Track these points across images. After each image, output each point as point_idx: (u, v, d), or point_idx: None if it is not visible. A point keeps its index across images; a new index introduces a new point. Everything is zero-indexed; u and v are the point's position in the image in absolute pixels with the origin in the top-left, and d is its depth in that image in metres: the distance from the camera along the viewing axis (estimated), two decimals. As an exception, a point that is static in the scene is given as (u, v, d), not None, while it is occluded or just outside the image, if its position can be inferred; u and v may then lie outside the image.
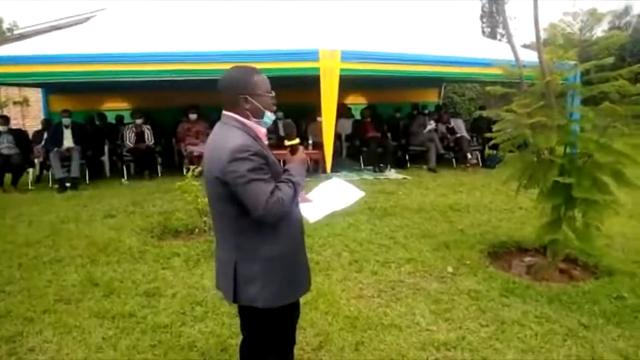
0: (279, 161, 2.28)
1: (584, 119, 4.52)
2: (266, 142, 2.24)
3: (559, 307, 3.81)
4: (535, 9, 4.35)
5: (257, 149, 2.07)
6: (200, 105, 10.55)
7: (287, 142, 2.34)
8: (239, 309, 2.41)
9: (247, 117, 2.17)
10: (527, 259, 4.78)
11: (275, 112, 2.29)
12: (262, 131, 2.23)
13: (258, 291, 2.17)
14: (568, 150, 4.52)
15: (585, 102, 5.29)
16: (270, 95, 2.22)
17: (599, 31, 4.70)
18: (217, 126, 2.23)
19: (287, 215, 2.17)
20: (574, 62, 4.53)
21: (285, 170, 2.23)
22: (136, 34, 9.46)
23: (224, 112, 2.20)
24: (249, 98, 2.15)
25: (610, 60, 4.19)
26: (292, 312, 2.42)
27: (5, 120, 9.45)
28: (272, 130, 2.43)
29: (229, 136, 2.09)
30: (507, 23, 5.08)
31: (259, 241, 2.16)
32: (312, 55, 8.78)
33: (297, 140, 2.35)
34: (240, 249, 2.17)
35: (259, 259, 2.16)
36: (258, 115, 2.19)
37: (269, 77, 2.27)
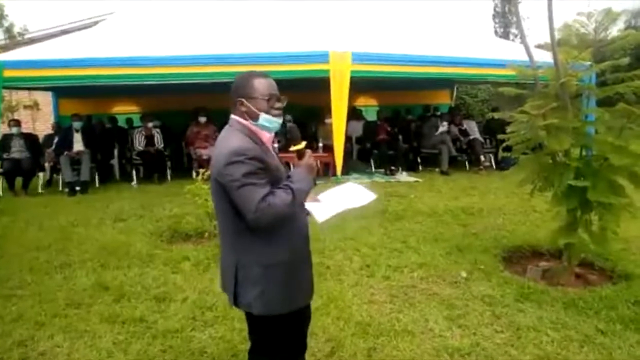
0: (288, 165, 2.25)
1: (599, 120, 4.45)
2: (275, 145, 2.22)
3: (576, 313, 3.73)
4: (550, 9, 4.28)
5: (255, 153, 2.07)
6: (209, 109, 10.57)
7: (292, 148, 2.32)
8: (245, 313, 2.38)
9: (246, 120, 2.20)
10: (542, 263, 4.71)
11: (283, 115, 2.29)
12: (265, 135, 2.23)
13: (255, 297, 2.17)
14: (583, 152, 4.44)
15: (600, 103, 5.21)
16: (267, 98, 2.18)
17: (615, 31, 4.62)
18: (224, 129, 2.27)
19: (287, 221, 2.16)
20: (588, 63, 4.46)
21: (289, 177, 2.21)
22: (145, 38, 9.48)
23: (231, 115, 2.25)
24: (245, 101, 2.18)
25: (626, 60, 4.12)
26: (297, 318, 2.37)
27: (17, 123, 9.51)
28: (283, 133, 2.42)
29: (229, 139, 2.14)
30: (521, 23, 5.01)
31: (259, 245, 2.16)
32: (323, 58, 8.76)
33: (302, 145, 2.31)
34: (239, 251, 2.18)
35: (258, 264, 2.16)
36: (253, 117, 2.19)
37: (278, 80, 2.27)
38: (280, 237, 2.18)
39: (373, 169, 10.80)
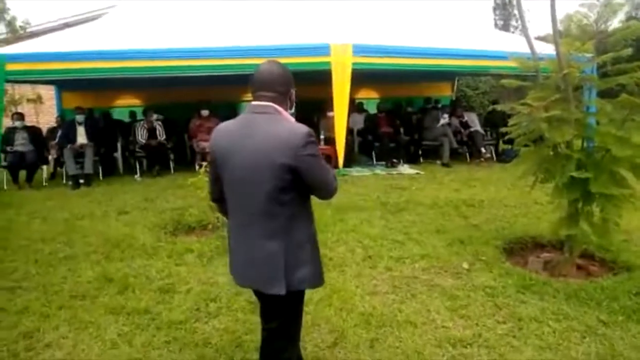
0: None
1: (601, 112, 4.44)
2: None
3: (577, 304, 3.75)
4: (552, 1, 4.28)
5: None
6: (211, 101, 10.56)
7: None
8: (268, 300, 2.32)
9: (286, 109, 2.28)
10: (544, 254, 4.72)
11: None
12: None
13: (309, 274, 2.25)
14: (585, 144, 4.45)
15: (600, 95, 5.21)
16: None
17: (616, 22, 4.60)
18: (258, 117, 2.20)
19: None
20: (590, 55, 4.45)
21: None
22: (147, 31, 9.48)
23: (266, 103, 2.20)
24: (293, 92, 2.33)
25: (629, 51, 4.10)
26: None
27: (21, 116, 9.53)
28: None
29: (286, 124, 2.18)
30: (523, 15, 5.00)
31: (307, 224, 2.29)
32: (324, 50, 8.74)
33: None
34: (291, 233, 2.20)
35: (308, 241, 2.27)
36: (292, 106, 2.34)
37: None
38: (312, 213, 2.35)
39: (374, 161, 10.80)
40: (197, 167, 7.47)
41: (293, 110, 2.37)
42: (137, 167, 9.97)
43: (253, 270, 2.26)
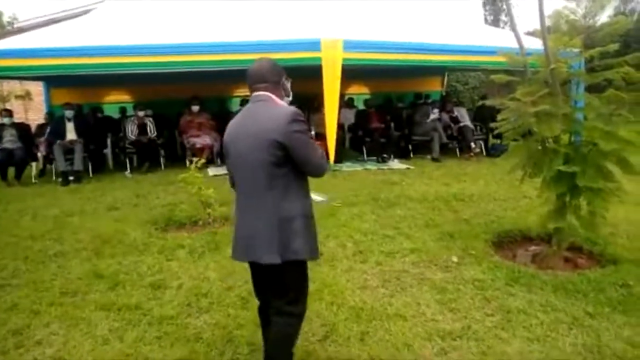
0: None
1: (589, 106, 4.48)
2: None
3: (565, 296, 3.80)
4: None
5: None
6: (202, 97, 10.52)
7: None
8: (268, 273, 2.48)
9: (281, 97, 2.53)
10: (532, 247, 4.77)
11: None
12: None
13: (303, 245, 2.41)
14: (572, 138, 4.49)
15: (589, 89, 5.25)
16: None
17: (604, 17, 4.63)
18: (255, 105, 2.47)
19: None
20: (578, 50, 4.48)
21: None
22: (137, 26, 9.41)
23: (261, 93, 2.46)
24: (285, 82, 2.56)
25: (616, 46, 4.14)
26: None
27: (9, 113, 9.44)
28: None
29: (278, 107, 2.43)
30: (511, 10, 5.02)
31: (301, 199, 2.45)
32: (314, 45, 8.72)
33: None
34: (284, 207, 2.39)
35: (302, 216, 2.43)
36: (288, 94, 2.60)
37: None
38: (306, 190, 2.52)
39: (365, 157, 10.83)
40: (187, 163, 7.47)
41: (290, 98, 2.58)
42: (128, 163, 9.92)
43: (251, 243, 2.44)
